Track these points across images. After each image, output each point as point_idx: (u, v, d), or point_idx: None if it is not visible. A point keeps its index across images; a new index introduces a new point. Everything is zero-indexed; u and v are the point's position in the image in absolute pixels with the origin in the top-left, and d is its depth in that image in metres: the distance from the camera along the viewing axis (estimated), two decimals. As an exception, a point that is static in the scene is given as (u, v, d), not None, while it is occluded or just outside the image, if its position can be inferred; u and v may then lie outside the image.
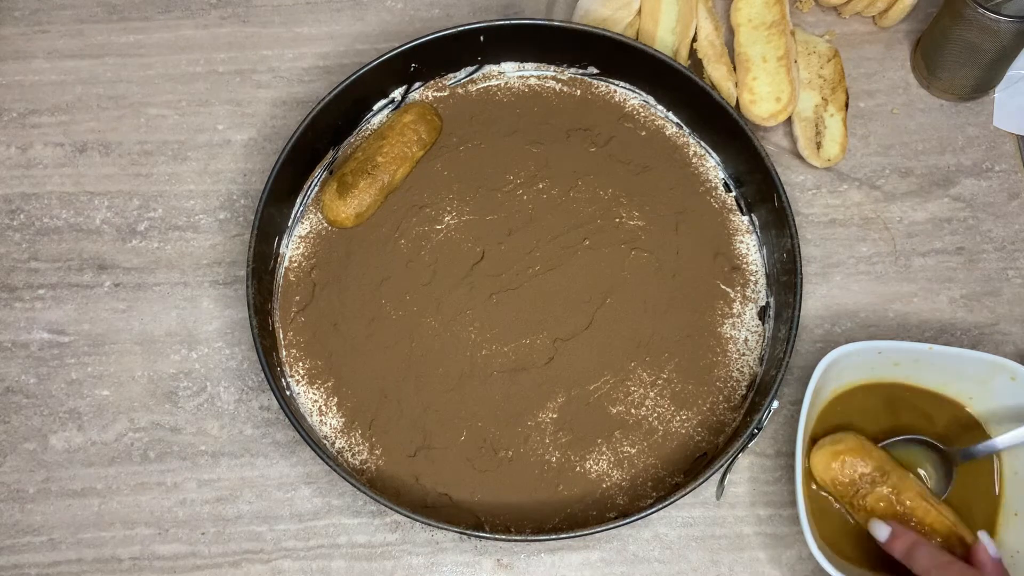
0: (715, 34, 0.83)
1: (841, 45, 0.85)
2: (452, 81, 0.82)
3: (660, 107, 0.81)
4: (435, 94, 0.82)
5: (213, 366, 0.76)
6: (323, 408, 0.72)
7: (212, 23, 0.87)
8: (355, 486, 0.66)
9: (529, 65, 0.82)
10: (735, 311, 0.75)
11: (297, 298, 0.75)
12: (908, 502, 0.66)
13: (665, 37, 0.82)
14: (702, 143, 0.80)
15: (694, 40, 0.83)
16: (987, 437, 0.70)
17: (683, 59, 0.82)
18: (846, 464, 0.66)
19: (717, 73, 0.81)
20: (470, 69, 0.82)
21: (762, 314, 0.75)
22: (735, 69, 0.82)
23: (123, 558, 0.71)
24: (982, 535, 0.63)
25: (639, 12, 0.83)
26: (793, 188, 0.81)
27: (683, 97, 0.79)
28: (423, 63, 0.79)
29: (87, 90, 0.85)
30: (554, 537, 0.66)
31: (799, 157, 0.81)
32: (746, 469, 0.73)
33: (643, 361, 0.73)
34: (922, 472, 0.70)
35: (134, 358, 0.76)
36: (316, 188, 0.79)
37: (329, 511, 0.72)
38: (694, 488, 0.66)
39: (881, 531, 0.65)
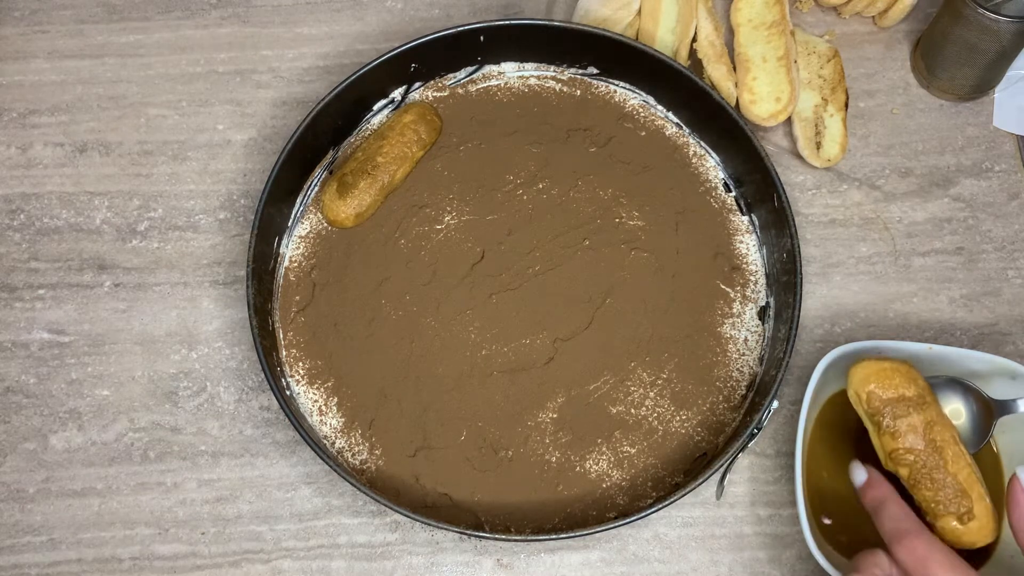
0: (715, 34, 0.83)
1: (841, 45, 0.85)
2: (452, 81, 0.82)
3: (660, 107, 0.81)
4: (435, 94, 0.82)
5: (213, 366, 0.76)
6: (323, 408, 0.72)
7: (212, 23, 0.87)
8: (355, 486, 0.66)
9: (529, 65, 0.82)
10: (735, 311, 0.75)
11: (297, 298, 0.75)
12: (938, 439, 0.61)
13: (665, 37, 0.82)
14: (702, 143, 0.80)
15: (694, 40, 0.83)
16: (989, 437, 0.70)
17: (683, 59, 0.82)
18: (889, 383, 0.62)
19: (717, 73, 0.81)
20: (470, 69, 0.82)
21: (762, 314, 0.75)
22: (735, 69, 0.82)
23: (123, 558, 0.71)
24: (1021, 469, 0.58)
25: (639, 12, 0.83)
26: (793, 188, 0.81)
27: (683, 97, 0.79)
28: (423, 63, 0.79)
29: (87, 90, 0.85)
30: (554, 537, 0.66)
31: (799, 157, 0.81)
32: (746, 469, 0.73)
33: (643, 361, 0.73)
34: (956, 423, 0.65)
35: (134, 358, 0.76)
36: (316, 188, 0.79)
37: (329, 511, 0.72)
38: (694, 488, 0.66)
39: (859, 474, 0.61)
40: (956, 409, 0.67)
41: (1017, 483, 0.58)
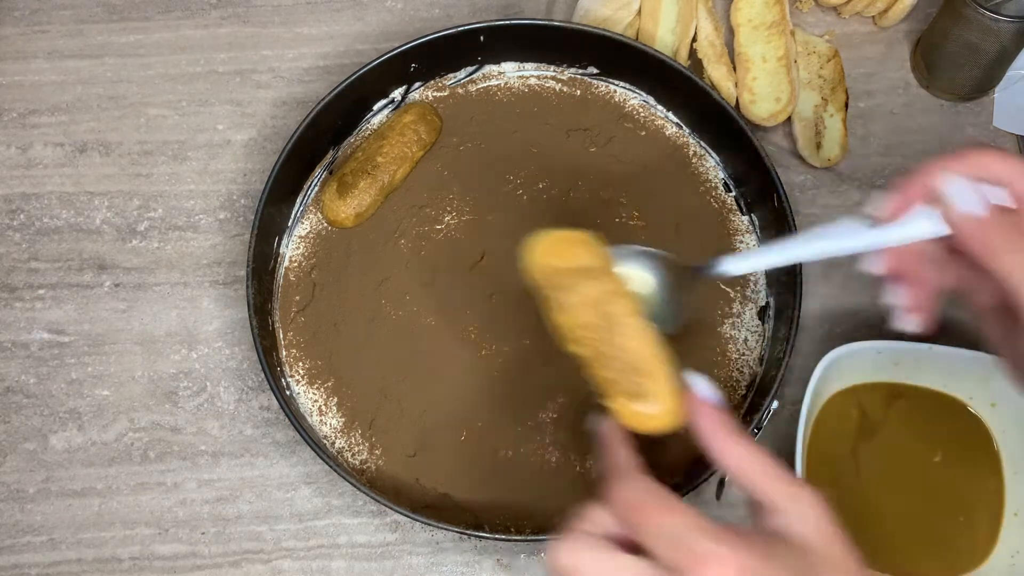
0: (715, 34, 0.83)
1: (841, 45, 0.85)
2: (452, 81, 0.82)
3: (660, 107, 0.81)
4: (435, 94, 0.82)
5: (213, 366, 0.76)
6: (323, 408, 0.72)
7: (212, 23, 0.87)
8: (355, 486, 0.66)
9: (529, 65, 0.82)
10: (735, 311, 0.75)
11: (297, 298, 0.75)
12: (613, 312, 0.52)
13: (665, 37, 0.82)
14: (702, 143, 0.80)
15: (694, 40, 0.83)
16: (989, 437, 0.70)
17: (683, 59, 0.82)
18: (566, 253, 0.55)
19: (717, 73, 0.81)
20: (470, 69, 0.82)
21: (762, 314, 0.75)
22: (735, 69, 0.82)
23: (123, 558, 0.71)
24: (691, 377, 0.50)
25: (639, 12, 0.83)
26: (793, 188, 0.81)
27: (683, 97, 0.79)
28: (423, 63, 0.79)
29: (87, 90, 0.85)
30: (554, 537, 0.66)
31: (799, 157, 0.81)
32: (746, 469, 0.73)
33: (643, 361, 0.73)
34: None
35: (134, 358, 0.76)
36: (316, 188, 0.79)
37: (329, 511, 0.72)
38: (694, 488, 0.66)
39: (597, 422, 0.51)
40: (645, 281, 0.59)
41: (692, 396, 0.50)
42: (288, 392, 0.72)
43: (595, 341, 0.53)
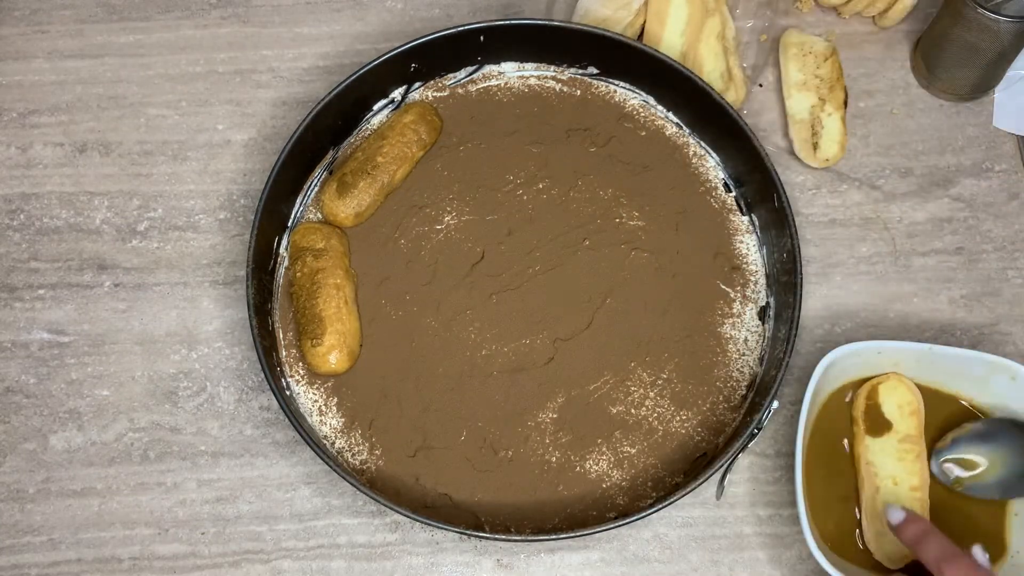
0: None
1: (841, 45, 0.85)
2: (452, 81, 0.82)
3: (660, 107, 0.81)
4: (435, 94, 0.82)
5: (213, 366, 0.76)
6: (323, 408, 0.72)
7: (212, 23, 0.87)
8: (355, 486, 0.66)
9: (529, 65, 0.82)
10: (735, 311, 0.75)
11: (297, 298, 0.75)
12: (321, 281, 0.72)
13: (672, 39, 0.81)
14: (702, 143, 0.80)
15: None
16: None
17: (691, 63, 0.82)
18: (309, 238, 0.74)
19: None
20: (470, 69, 0.82)
21: (762, 314, 0.75)
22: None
23: (123, 558, 0.71)
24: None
25: (639, 12, 0.83)
26: (793, 188, 0.81)
27: (683, 97, 0.79)
28: (423, 63, 0.79)
29: (87, 90, 0.85)
30: (554, 537, 0.66)
31: (798, 158, 0.81)
32: (746, 469, 0.73)
33: (643, 361, 0.73)
34: None
35: (134, 358, 0.76)
36: (316, 188, 0.79)
37: (329, 511, 0.72)
38: (694, 488, 0.66)
39: (896, 514, 0.65)
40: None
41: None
42: (288, 392, 0.72)
43: (303, 295, 0.72)
